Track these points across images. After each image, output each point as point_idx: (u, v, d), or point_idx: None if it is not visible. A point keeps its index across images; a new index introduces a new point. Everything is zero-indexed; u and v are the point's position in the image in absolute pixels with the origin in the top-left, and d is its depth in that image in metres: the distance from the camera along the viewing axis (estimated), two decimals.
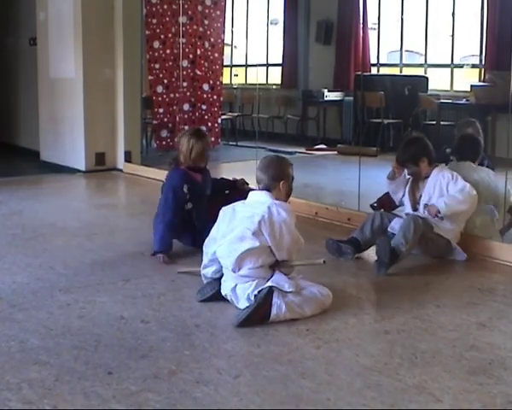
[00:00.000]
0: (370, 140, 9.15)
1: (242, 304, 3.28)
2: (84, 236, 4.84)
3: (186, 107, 9.22)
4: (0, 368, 2.64)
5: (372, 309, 3.51)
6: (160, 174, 7.27)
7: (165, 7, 8.79)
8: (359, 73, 10.47)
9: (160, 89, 8.90)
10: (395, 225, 4.23)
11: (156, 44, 8.78)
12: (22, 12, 9.03)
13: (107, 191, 7.12)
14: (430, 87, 9.67)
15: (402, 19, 10.30)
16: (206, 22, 9.33)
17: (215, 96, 9.55)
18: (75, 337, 2.97)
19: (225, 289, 3.39)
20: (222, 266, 3.43)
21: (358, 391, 2.51)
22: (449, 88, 9.78)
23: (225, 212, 3.48)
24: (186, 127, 9.09)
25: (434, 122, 9.12)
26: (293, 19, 11.63)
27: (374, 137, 9.32)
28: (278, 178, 3.42)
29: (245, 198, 3.50)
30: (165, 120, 9.02)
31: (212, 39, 9.44)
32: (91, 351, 2.82)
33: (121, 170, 7.72)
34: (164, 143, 9.08)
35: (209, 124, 9.51)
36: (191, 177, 4.34)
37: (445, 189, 4.24)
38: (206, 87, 9.41)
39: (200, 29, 9.28)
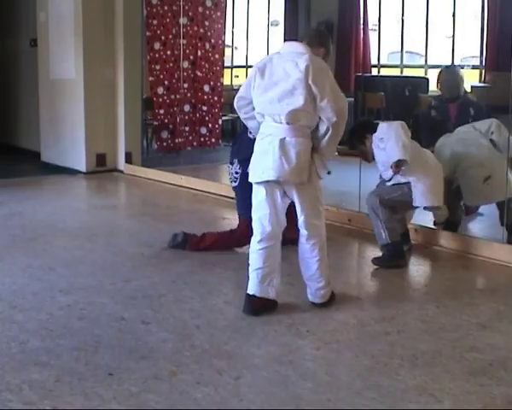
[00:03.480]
0: None
1: (281, 159, 3.17)
2: (85, 237, 4.84)
3: (187, 108, 9.20)
4: (0, 369, 2.64)
5: (372, 310, 3.51)
6: (161, 175, 7.30)
7: (166, 8, 8.78)
8: (360, 74, 10.46)
9: (160, 90, 8.88)
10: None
11: (157, 46, 8.77)
12: (22, 13, 9.03)
13: (107, 192, 7.12)
14: (431, 88, 9.66)
15: (402, 20, 10.28)
16: (206, 23, 9.32)
17: (216, 98, 9.53)
18: (75, 338, 2.97)
19: (265, 144, 3.24)
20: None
21: (359, 392, 2.51)
22: None
23: (259, 67, 3.29)
24: (187, 128, 9.11)
25: None
26: (294, 20, 11.62)
27: None
28: (321, 44, 3.47)
29: None
30: (166, 121, 9.00)
31: (212, 40, 9.42)
32: (92, 352, 2.82)
33: (122, 171, 7.72)
34: (165, 144, 9.06)
35: (210, 125, 9.51)
36: None
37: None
38: (206, 88, 9.40)
39: (201, 30, 9.26)
